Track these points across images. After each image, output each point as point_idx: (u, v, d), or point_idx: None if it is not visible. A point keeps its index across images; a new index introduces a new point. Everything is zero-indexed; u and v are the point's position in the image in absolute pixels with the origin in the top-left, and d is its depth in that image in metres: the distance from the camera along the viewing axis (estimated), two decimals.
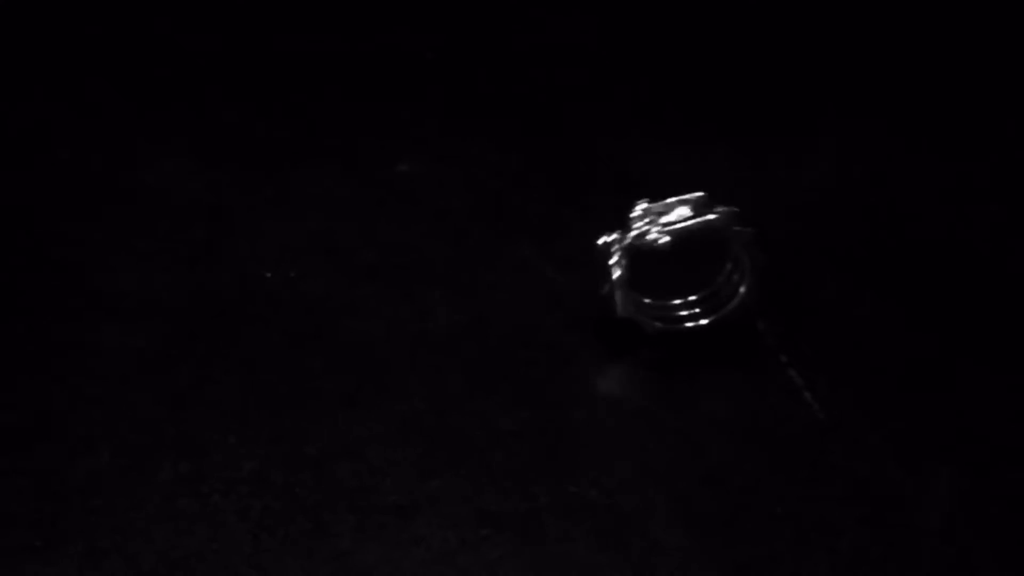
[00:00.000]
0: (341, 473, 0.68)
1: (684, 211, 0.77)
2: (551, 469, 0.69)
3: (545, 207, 0.86)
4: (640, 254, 0.77)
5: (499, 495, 0.67)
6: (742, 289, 0.79)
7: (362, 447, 0.69)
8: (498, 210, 0.86)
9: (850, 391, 0.76)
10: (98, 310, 0.77)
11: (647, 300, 0.79)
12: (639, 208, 0.77)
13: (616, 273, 0.77)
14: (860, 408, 0.75)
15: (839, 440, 0.73)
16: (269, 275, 0.80)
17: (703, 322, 0.79)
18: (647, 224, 0.77)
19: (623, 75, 1.02)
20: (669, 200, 0.78)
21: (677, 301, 0.80)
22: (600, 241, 0.77)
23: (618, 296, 0.77)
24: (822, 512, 0.68)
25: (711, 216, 0.76)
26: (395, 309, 0.78)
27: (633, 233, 0.77)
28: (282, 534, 0.64)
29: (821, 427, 0.73)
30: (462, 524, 0.65)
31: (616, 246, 0.77)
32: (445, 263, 0.82)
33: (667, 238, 0.76)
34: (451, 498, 0.67)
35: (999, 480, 0.71)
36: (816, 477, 0.70)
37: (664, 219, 0.77)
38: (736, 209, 0.78)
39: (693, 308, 0.80)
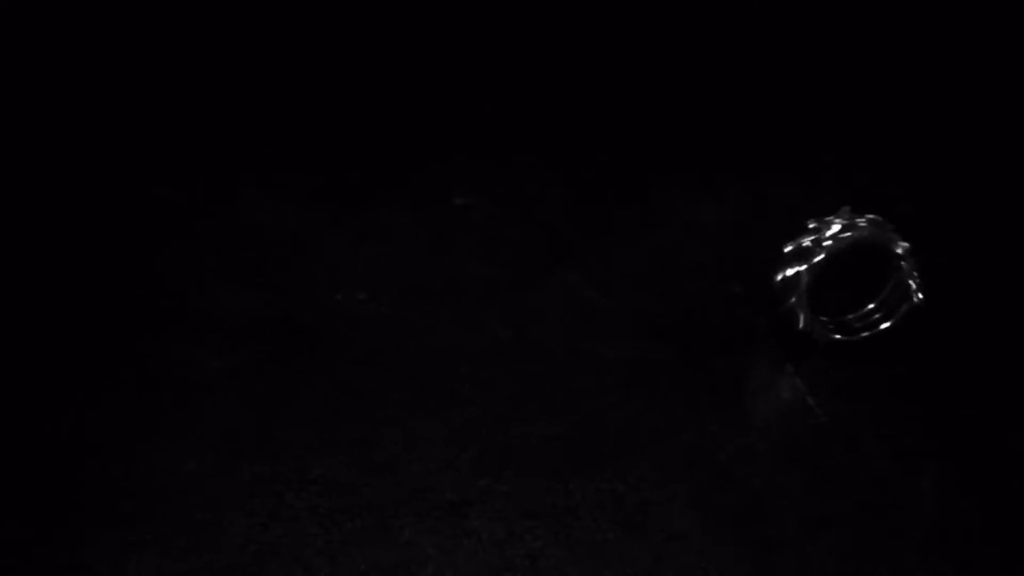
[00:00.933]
0: (402, 473, 0.71)
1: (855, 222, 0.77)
2: (585, 468, 0.71)
3: (586, 236, 0.88)
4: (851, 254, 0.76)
5: (541, 491, 0.70)
6: (913, 286, 0.78)
7: (421, 450, 0.72)
8: (545, 239, 0.88)
9: (850, 397, 0.77)
10: (192, 330, 0.80)
11: (823, 317, 0.79)
12: (842, 215, 0.77)
13: (802, 285, 0.76)
14: (858, 412, 0.76)
15: (839, 441, 0.74)
16: (339, 297, 0.82)
17: (883, 327, 0.79)
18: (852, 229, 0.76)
19: (656, 119, 1.03)
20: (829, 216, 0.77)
21: (851, 315, 0.80)
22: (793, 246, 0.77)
23: (801, 309, 0.77)
24: (823, 506, 0.70)
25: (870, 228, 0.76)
26: (452, 327, 0.81)
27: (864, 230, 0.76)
28: (349, 528, 0.67)
29: (823, 429, 0.75)
30: (509, 518, 0.68)
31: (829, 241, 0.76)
32: (497, 286, 0.85)
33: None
34: (499, 495, 0.70)
35: (992, 479, 0.72)
36: (819, 474, 0.72)
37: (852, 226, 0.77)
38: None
39: (869, 317, 0.80)
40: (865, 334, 0.79)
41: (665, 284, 0.85)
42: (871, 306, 0.80)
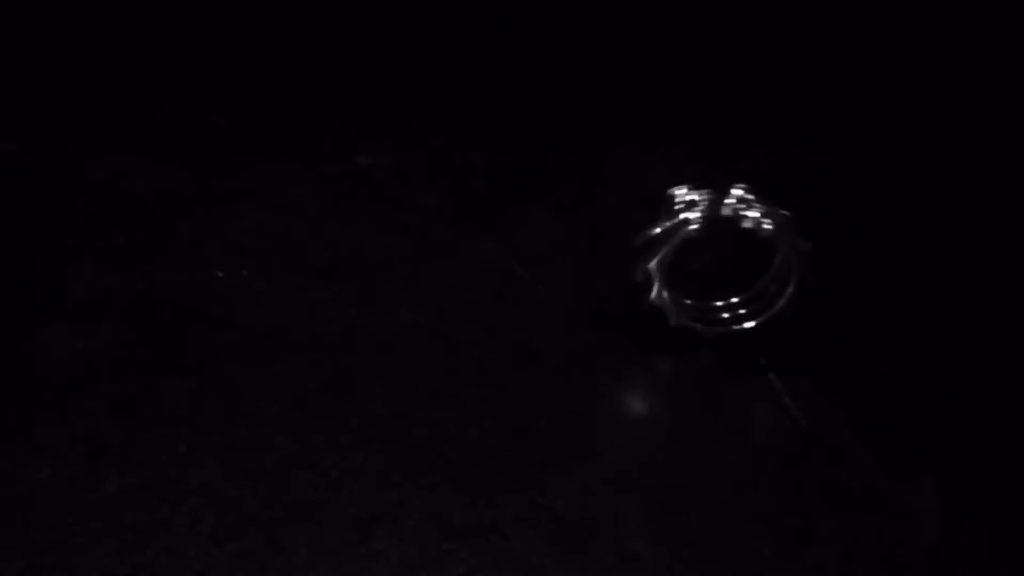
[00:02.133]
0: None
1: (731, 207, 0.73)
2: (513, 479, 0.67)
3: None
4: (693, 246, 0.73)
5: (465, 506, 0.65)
6: (789, 289, 0.76)
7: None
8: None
9: (838, 398, 0.74)
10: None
11: (688, 301, 0.77)
12: (682, 195, 0.74)
13: (659, 280, 0.74)
14: (843, 415, 0.73)
15: (821, 447, 0.71)
16: (220, 275, 0.78)
17: (748, 325, 0.77)
18: (704, 212, 0.73)
19: (602, 68, 1.00)
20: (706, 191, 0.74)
21: (719, 303, 0.78)
22: (642, 237, 0.73)
23: (669, 307, 0.75)
24: (802, 518, 0.66)
25: (767, 219, 0.73)
26: (352, 310, 0.77)
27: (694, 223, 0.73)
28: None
29: (803, 433, 0.71)
30: (423, 536, 0.63)
31: (668, 237, 0.73)
32: (406, 261, 0.81)
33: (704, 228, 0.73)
34: (411, 510, 0.64)
35: (982, 485, 0.70)
36: (797, 484, 0.68)
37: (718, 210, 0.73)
38: (788, 213, 0.75)
39: (738, 309, 0.77)
40: (735, 327, 0.76)
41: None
42: (737, 299, 0.77)
